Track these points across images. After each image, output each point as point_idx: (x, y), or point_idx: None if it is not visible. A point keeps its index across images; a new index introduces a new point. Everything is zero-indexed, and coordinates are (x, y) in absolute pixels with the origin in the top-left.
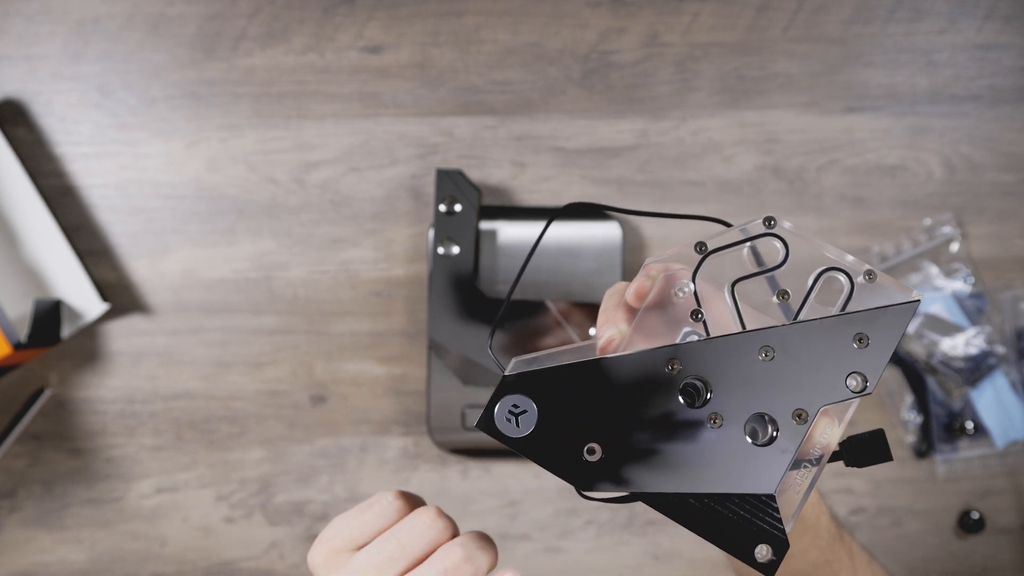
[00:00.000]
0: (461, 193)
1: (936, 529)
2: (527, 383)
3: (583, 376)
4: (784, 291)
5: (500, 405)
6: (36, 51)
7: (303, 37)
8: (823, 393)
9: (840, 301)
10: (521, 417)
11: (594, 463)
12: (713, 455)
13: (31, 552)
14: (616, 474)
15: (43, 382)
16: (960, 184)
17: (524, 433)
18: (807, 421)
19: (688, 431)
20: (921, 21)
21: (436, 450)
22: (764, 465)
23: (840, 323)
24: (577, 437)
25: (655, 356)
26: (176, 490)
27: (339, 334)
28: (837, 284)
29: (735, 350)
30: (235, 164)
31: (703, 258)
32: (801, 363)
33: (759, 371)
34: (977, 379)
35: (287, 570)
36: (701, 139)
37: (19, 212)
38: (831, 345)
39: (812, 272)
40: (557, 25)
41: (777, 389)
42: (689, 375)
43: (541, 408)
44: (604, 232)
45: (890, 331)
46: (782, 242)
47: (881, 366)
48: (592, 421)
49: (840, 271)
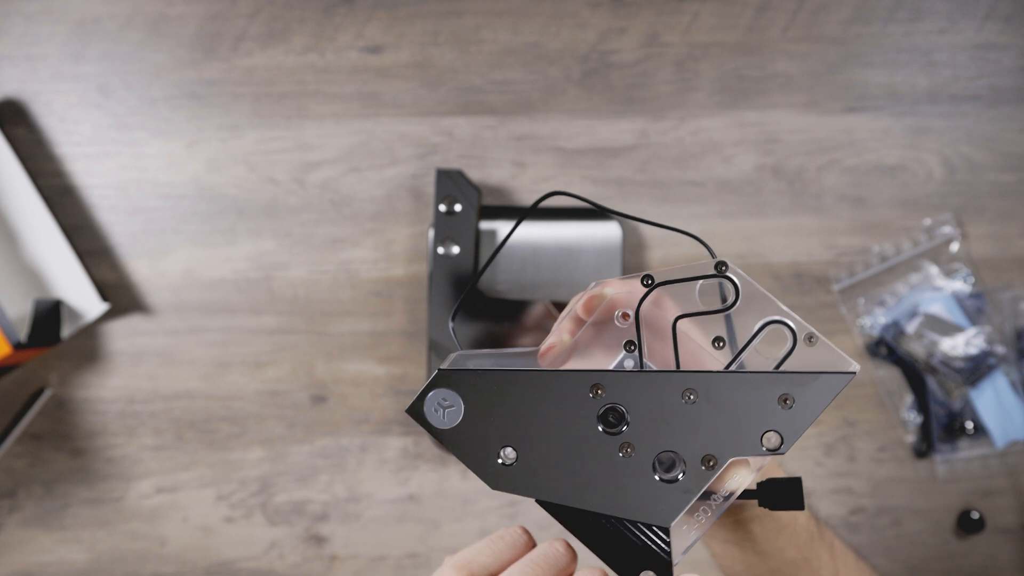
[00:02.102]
0: (461, 193)
1: (936, 529)
2: (458, 380)
3: (511, 384)
4: (720, 338)
5: (430, 397)
6: (36, 51)
7: (303, 37)
8: (737, 445)
9: (778, 357)
10: (448, 411)
11: (507, 466)
12: (619, 481)
13: (31, 552)
14: (525, 480)
15: (43, 382)
16: (960, 184)
17: (448, 426)
18: (715, 468)
19: (600, 454)
20: (921, 21)
21: (436, 450)
22: (665, 499)
23: (769, 380)
24: (495, 439)
25: (581, 379)
26: (176, 490)
27: (339, 334)
28: (780, 337)
29: (660, 387)
30: (235, 164)
31: (648, 291)
32: (722, 412)
33: (679, 411)
34: (977, 379)
35: (287, 570)
36: (701, 139)
37: (19, 212)
38: (755, 399)
39: (758, 322)
40: (557, 25)
41: (692, 433)
42: (611, 402)
43: (467, 406)
44: (604, 232)
45: (818, 397)
46: (734, 286)
47: (801, 430)
48: (512, 427)
49: (786, 326)
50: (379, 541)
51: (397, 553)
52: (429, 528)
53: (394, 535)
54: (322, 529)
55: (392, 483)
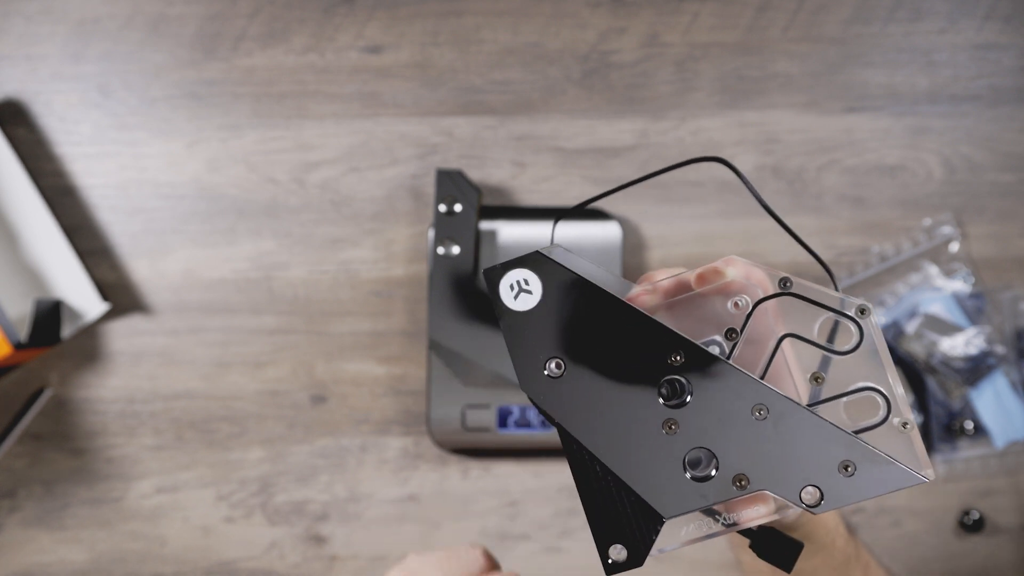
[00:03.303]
0: (461, 193)
1: (936, 529)
2: (551, 271)
3: (600, 303)
4: (820, 375)
5: (514, 272)
6: (36, 51)
7: (303, 37)
8: (777, 481)
9: (861, 421)
10: (523, 294)
11: (549, 377)
12: (647, 451)
13: (31, 552)
14: (557, 399)
15: (43, 382)
16: (960, 184)
17: (513, 308)
18: (742, 490)
19: (643, 415)
20: (921, 21)
21: (436, 450)
22: (678, 492)
23: (844, 440)
24: (552, 345)
25: (668, 337)
26: (176, 490)
27: (339, 334)
28: (872, 404)
29: (737, 386)
30: (235, 164)
31: (779, 294)
32: (781, 442)
33: (741, 419)
34: (977, 379)
35: (287, 570)
36: (701, 139)
37: (19, 212)
38: (820, 449)
39: (859, 381)
40: (557, 25)
41: (742, 446)
42: (683, 373)
43: (544, 300)
44: (604, 232)
45: (879, 482)
46: (859, 332)
47: (845, 501)
48: (575, 343)
49: (884, 398)
50: (379, 541)
51: (397, 553)
52: (429, 528)
53: (394, 535)
54: (322, 529)
55: (392, 483)
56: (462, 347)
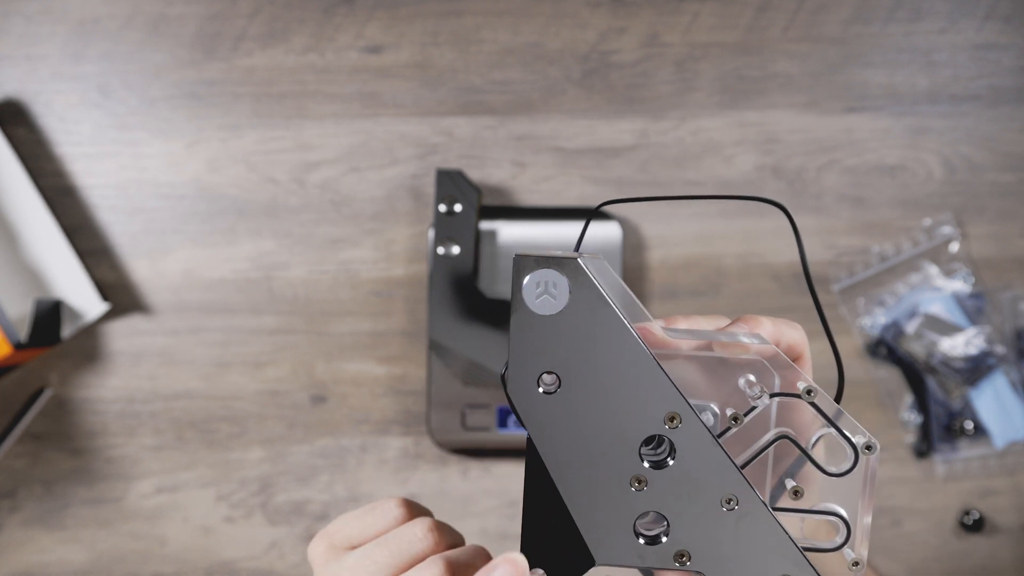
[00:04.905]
0: (461, 193)
1: (936, 529)
2: (584, 285)
3: (617, 336)
4: (800, 488)
5: (547, 272)
6: (36, 51)
7: (303, 37)
8: (717, 570)
9: (817, 542)
10: (546, 297)
11: (539, 388)
12: (605, 497)
13: (31, 552)
14: (541, 415)
15: (43, 382)
16: (960, 184)
17: (531, 308)
18: (682, 567)
19: (617, 464)
20: (921, 21)
21: (436, 450)
22: (620, 545)
23: (792, 555)
24: (555, 360)
25: (669, 393)
26: (176, 490)
27: (339, 334)
28: (830, 529)
29: (716, 471)
30: (235, 164)
31: (798, 397)
32: (735, 537)
33: (708, 503)
34: (977, 379)
35: (287, 570)
36: (701, 139)
37: (19, 212)
38: (766, 556)
39: (831, 500)
40: (557, 25)
41: (698, 528)
42: (670, 436)
43: (567, 310)
44: (604, 232)
45: None
46: (853, 463)
47: None
48: (578, 367)
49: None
50: None
51: None
52: None
53: None
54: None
55: (392, 483)
56: (462, 347)
